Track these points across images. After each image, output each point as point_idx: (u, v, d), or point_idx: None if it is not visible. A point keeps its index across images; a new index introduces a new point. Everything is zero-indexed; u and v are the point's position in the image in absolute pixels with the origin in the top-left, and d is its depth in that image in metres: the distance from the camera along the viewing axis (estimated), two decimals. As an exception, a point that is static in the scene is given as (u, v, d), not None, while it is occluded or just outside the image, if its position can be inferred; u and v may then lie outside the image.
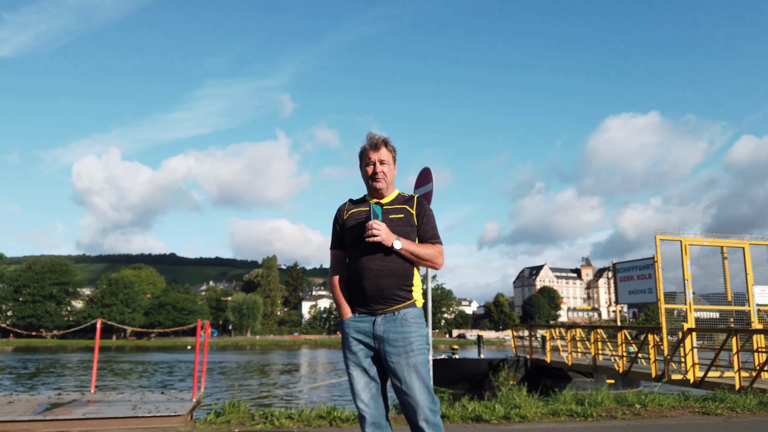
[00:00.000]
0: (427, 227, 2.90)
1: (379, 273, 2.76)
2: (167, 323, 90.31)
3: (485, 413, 6.38)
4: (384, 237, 2.70)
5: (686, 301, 11.77)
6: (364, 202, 2.99)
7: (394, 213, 2.87)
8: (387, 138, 2.96)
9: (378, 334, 2.76)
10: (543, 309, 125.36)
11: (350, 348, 2.80)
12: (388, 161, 2.93)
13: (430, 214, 2.95)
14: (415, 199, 2.97)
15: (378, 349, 2.77)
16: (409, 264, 2.83)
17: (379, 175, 2.90)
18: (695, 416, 6.80)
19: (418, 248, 2.79)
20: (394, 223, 2.81)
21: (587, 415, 6.66)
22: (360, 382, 2.76)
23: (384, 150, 2.92)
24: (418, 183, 7.74)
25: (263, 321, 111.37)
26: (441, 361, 19.08)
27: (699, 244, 12.26)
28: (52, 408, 7.02)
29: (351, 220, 2.91)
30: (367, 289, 2.77)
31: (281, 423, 5.96)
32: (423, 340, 2.81)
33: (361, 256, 2.80)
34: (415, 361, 2.72)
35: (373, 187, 2.94)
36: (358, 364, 2.78)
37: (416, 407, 2.69)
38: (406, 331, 2.75)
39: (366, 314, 2.81)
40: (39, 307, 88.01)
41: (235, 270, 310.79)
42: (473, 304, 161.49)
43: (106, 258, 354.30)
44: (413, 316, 2.81)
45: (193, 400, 7.65)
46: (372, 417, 2.73)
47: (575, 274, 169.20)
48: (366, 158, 2.93)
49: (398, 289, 2.79)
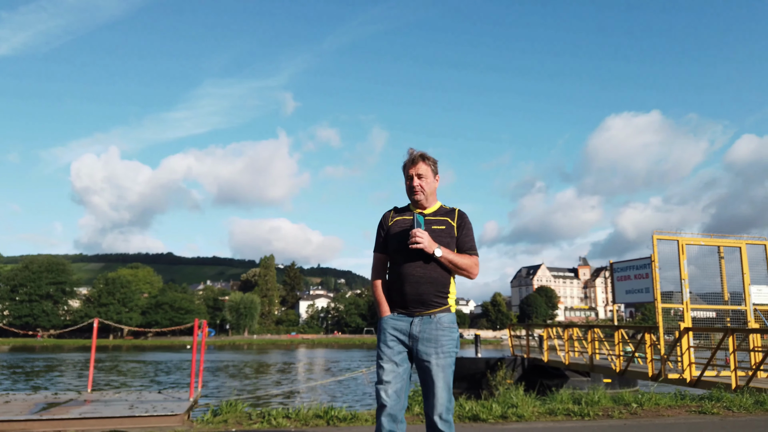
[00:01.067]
0: (466, 239, 3.14)
1: (420, 279, 3.01)
2: (164, 323, 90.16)
3: (482, 412, 6.39)
4: (426, 245, 2.95)
5: (683, 301, 11.80)
6: (408, 211, 3.22)
7: (436, 224, 3.12)
8: (425, 153, 3.19)
9: (414, 333, 3.01)
10: (540, 308, 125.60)
11: (386, 342, 3.03)
12: (425, 174, 3.15)
13: (470, 227, 3.20)
14: (456, 212, 3.20)
15: (411, 347, 3.02)
16: (447, 272, 3.07)
17: (417, 188, 3.13)
18: (692, 415, 6.82)
19: (456, 258, 3.05)
20: (436, 234, 3.06)
21: (584, 414, 6.67)
22: (389, 375, 2.97)
23: (421, 164, 3.14)
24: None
25: (260, 320, 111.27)
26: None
27: (696, 244, 12.29)
28: (48, 408, 7.00)
29: (395, 227, 3.15)
30: (407, 293, 3.02)
31: (278, 422, 5.96)
32: (453, 343, 3.06)
33: (404, 263, 3.05)
34: (443, 362, 2.98)
35: (412, 199, 3.19)
36: (391, 358, 3.00)
37: (435, 403, 2.93)
38: (440, 333, 3.01)
39: (404, 315, 3.06)
40: (36, 307, 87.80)
41: (233, 269, 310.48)
42: (470, 303, 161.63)
43: (103, 257, 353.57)
44: (447, 321, 3.06)
45: (190, 400, 7.64)
46: (391, 408, 2.93)
47: (572, 273, 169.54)
48: (405, 172, 3.18)
49: (435, 295, 3.04)
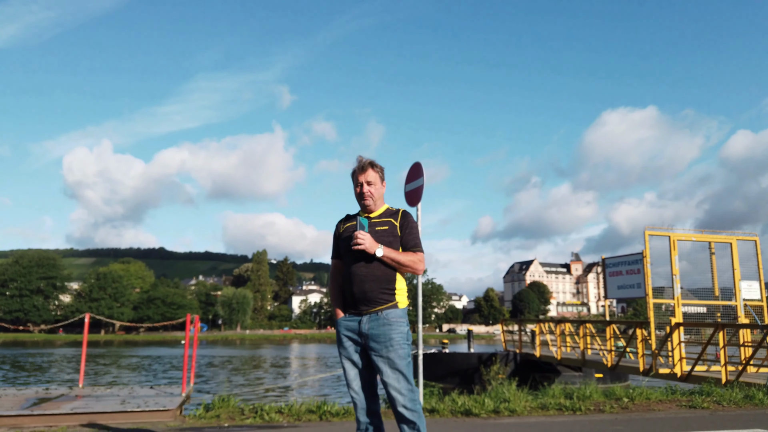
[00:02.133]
0: (410, 237, 3.31)
1: (364, 278, 3.19)
2: (156, 318, 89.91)
3: (475, 407, 6.41)
4: (368, 245, 3.13)
5: (674, 296, 11.88)
6: (355, 217, 3.39)
7: (380, 225, 3.30)
8: (373, 160, 3.37)
9: (363, 331, 3.18)
10: (533, 303, 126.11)
11: (342, 343, 3.26)
12: (374, 181, 3.33)
13: (413, 226, 3.36)
14: (400, 213, 3.38)
15: (364, 345, 3.20)
16: (392, 270, 3.24)
17: (366, 194, 3.32)
18: (682, 410, 6.87)
19: (398, 255, 3.21)
20: (379, 234, 3.24)
21: (576, 408, 6.72)
22: (351, 373, 3.22)
23: (370, 171, 3.33)
24: (408, 178, 7.72)
25: (253, 315, 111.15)
26: (431, 355, 19.14)
27: (687, 240, 12.36)
28: (39, 403, 6.97)
29: (345, 233, 3.36)
30: (355, 292, 3.21)
31: (271, 417, 5.95)
32: (403, 336, 3.19)
33: (351, 264, 3.24)
34: (394, 355, 3.12)
35: (362, 204, 3.37)
36: (349, 358, 3.23)
37: (395, 395, 3.09)
38: (387, 329, 3.16)
39: (355, 314, 3.25)
40: (26, 302, 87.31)
41: (225, 264, 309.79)
42: (463, 298, 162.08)
43: (94, 252, 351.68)
44: (395, 316, 3.20)
45: (182, 395, 7.63)
46: (362, 403, 3.18)
47: (565, 269, 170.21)
48: (355, 179, 3.36)
49: (381, 292, 3.20)
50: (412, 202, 7.55)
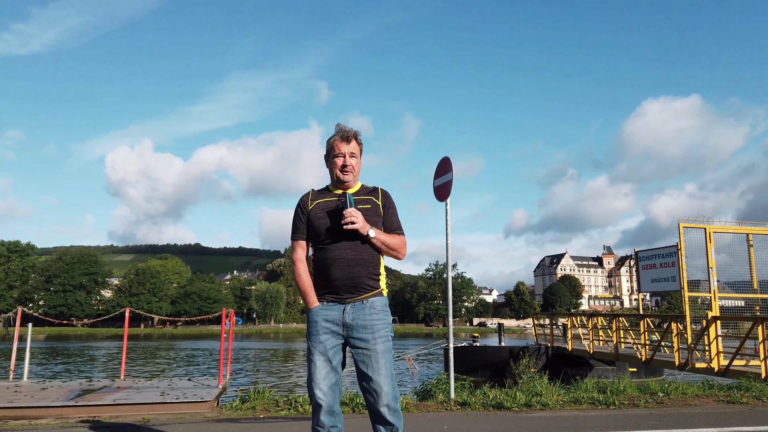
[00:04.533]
0: (392, 218, 3.00)
1: (351, 262, 2.83)
2: (193, 312, 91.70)
3: (506, 401, 6.42)
4: (360, 225, 2.77)
5: (710, 289, 11.61)
6: (329, 192, 3.03)
7: (362, 203, 2.93)
8: (357, 131, 2.99)
9: (347, 321, 2.83)
10: (564, 297, 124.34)
11: (317, 336, 2.84)
12: (357, 154, 2.98)
13: (394, 206, 3.05)
14: (379, 191, 3.04)
15: (346, 337, 2.85)
16: (377, 253, 2.93)
17: (348, 167, 2.95)
18: (720, 405, 6.74)
19: (388, 238, 2.91)
20: (362, 213, 2.85)
21: (609, 403, 6.65)
22: (321, 372, 2.80)
23: (354, 143, 2.97)
24: (437, 173, 7.73)
25: (286, 309, 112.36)
26: (462, 348, 19.12)
27: (724, 232, 12.05)
28: (83, 394, 7.23)
29: (317, 210, 2.94)
30: (337, 278, 2.83)
31: (305, 409, 6.07)
32: (389, 327, 2.91)
33: (332, 245, 2.86)
34: (382, 348, 2.82)
35: (340, 179, 2.97)
36: (323, 353, 2.82)
37: (380, 392, 2.76)
38: (374, 318, 2.85)
39: (335, 302, 2.87)
40: (69, 297, 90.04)
41: (259, 259, 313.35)
42: (494, 292, 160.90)
43: (133, 249, 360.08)
44: (381, 305, 2.90)
45: (219, 387, 7.81)
46: (327, 405, 2.78)
47: (597, 262, 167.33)
48: (336, 149, 2.96)
49: (368, 278, 2.88)
50: (441, 196, 7.55)
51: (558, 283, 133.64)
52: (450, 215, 7.44)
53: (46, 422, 5.83)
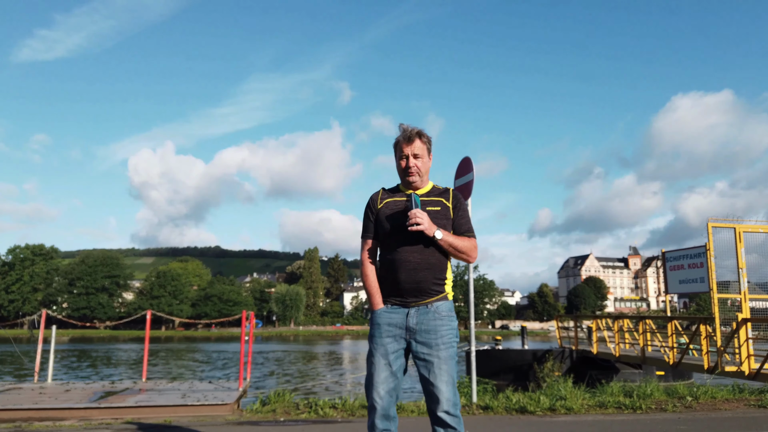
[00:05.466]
0: (463, 221, 2.92)
1: (417, 266, 2.78)
2: (213, 314, 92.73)
3: (530, 405, 6.30)
4: (427, 226, 2.72)
5: (740, 291, 11.32)
6: (398, 192, 2.97)
7: (431, 205, 2.86)
8: (421, 130, 2.92)
9: (411, 326, 2.79)
10: (589, 299, 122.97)
11: (380, 339, 2.81)
12: (421, 154, 2.90)
13: (466, 208, 2.97)
14: (450, 192, 2.97)
15: (409, 341, 2.81)
16: (445, 257, 2.86)
17: (413, 168, 2.88)
18: (750, 409, 6.55)
19: (456, 240, 2.82)
20: (431, 215, 2.80)
21: (636, 407, 6.50)
22: (381, 375, 2.76)
23: (418, 142, 2.90)
24: (458, 173, 7.66)
25: (306, 312, 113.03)
26: (484, 352, 18.95)
27: (754, 231, 11.74)
28: (106, 396, 7.29)
29: (386, 210, 2.90)
30: (403, 281, 2.79)
31: (325, 412, 6.03)
32: (453, 333, 2.85)
33: (399, 248, 2.81)
34: (445, 354, 2.77)
35: (405, 180, 2.93)
36: (384, 356, 2.79)
37: (441, 398, 2.71)
38: (439, 324, 2.80)
39: (399, 306, 2.83)
40: (92, 299, 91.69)
41: (278, 262, 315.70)
42: (516, 294, 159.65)
43: (154, 251, 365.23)
44: (446, 310, 2.85)
45: (239, 389, 7.82)
46: (383, 409, 2.74)
47: (622, 263, 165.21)
48: (399, 151, 2.91)
49: (434, 282, 2.82)
50: (462, 196, 7.47)
51: (582, 284, 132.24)
52: (472, 215, 7.35)
53: (69, 423, 5.88)
